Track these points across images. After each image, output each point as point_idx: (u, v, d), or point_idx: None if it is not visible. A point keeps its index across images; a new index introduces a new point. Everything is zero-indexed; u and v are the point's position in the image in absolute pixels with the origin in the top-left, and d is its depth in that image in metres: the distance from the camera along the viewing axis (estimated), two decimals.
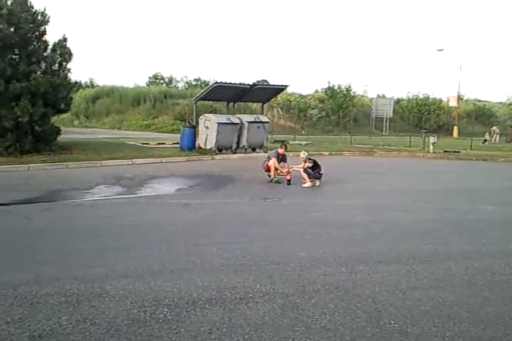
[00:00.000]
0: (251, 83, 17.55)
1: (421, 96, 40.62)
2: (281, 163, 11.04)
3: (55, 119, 16.22)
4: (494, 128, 31.62)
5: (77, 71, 46.03)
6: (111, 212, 7.55)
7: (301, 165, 10.83)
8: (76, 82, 20.38)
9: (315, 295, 4.12)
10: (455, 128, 37.28)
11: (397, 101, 40.49)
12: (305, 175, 10.62)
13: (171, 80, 49.68)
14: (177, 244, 5.72)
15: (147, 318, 3.58)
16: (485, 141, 28.96)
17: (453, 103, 38.97)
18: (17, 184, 10.08)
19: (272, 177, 10.89)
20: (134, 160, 14.14)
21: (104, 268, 4.67)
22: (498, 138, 30.80)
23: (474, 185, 11.92)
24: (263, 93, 18.26)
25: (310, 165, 10.68)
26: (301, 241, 5.91)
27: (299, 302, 3.97)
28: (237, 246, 5.59)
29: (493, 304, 4.06)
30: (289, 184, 10.60)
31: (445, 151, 20.04)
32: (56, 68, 14.86)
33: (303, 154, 11.07)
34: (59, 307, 3.72)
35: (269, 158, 11.10)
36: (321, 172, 10.71)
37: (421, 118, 35.28)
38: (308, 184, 10.52)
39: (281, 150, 11.14)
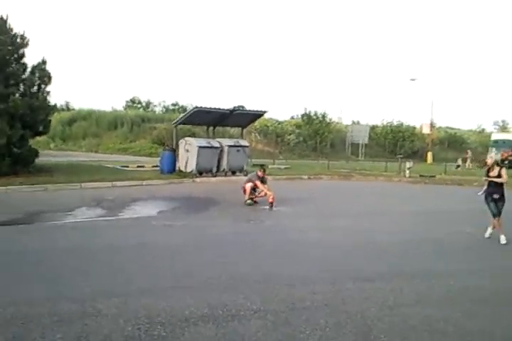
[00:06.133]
0: (230, 108, 17.78)
1: (395, 123, 41.64)
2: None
3: (31, 142, 16.07)
4: (469, 152, 32.46)
5: (53, 94, 45.71)
6: (93, 234, 7.50)
7: None
8: (54, 105, 20.31)
9: (305, 312, 4.19)
10: (429, 154, 38.16)
11: (372, 128, 41.35)
12: None
13: (148, 104, 49.80)
14: (163, 264, 5.73)
15: (142, 335, 3.59)
16: (458, 166, 29.72)
17: (426, 130, 40.00)
18: None
19: (246, 198, 10.94)
20: (114, 182, 14.03)
21: (92, 288, 4.65)
22: (470, 164, 31.59)
23: (452, 207, 12.19)
24: (242, 118, 18.50)
25: None
26: (286, 261, 5.98)
27: (290, 318, 4.03)
28: (225, 265, 5.63)
29: (477, 319, 4.19)
30: (271, 207, 10.54)
31: (421, 176, 20.50)
32: (35, 91, 14.86)
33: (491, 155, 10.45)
34: (52, 326, 3.69)
35: (247, 181, 11.20)
36: None
37: (396, 144, 36.08)
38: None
39: (260, 173, 11.25)
